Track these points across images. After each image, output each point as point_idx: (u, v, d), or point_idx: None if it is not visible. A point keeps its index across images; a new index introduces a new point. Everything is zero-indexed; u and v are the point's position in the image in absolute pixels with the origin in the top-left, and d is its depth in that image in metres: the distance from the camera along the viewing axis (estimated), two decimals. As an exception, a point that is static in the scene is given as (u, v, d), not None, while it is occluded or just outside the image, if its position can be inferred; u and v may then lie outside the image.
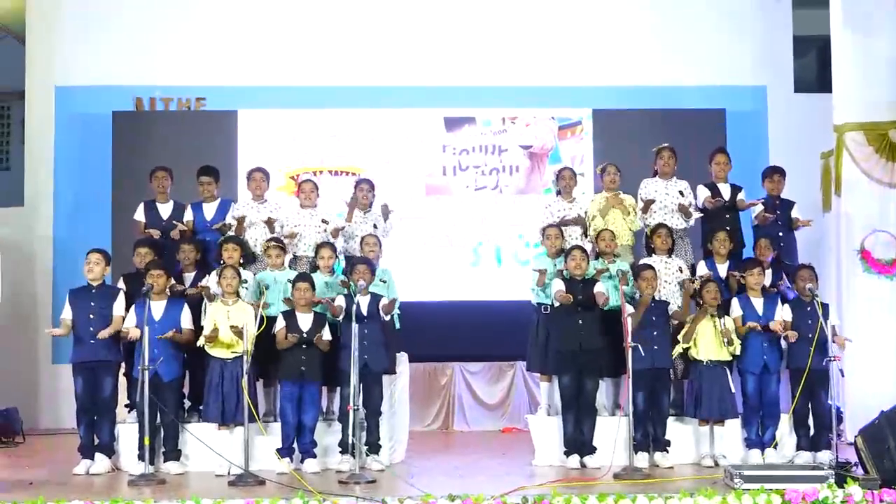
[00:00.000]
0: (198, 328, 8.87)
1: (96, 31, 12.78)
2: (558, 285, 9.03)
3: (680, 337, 9.04)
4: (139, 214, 9.99)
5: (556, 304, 9.01)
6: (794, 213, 9.96)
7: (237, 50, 12.89)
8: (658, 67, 12.95)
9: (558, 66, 12.96)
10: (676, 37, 13.00)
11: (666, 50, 12.97)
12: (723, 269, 9.50)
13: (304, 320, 8.84)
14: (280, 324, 8.83)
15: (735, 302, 9.18)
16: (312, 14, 12.95)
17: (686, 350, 9.03)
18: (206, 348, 8.76)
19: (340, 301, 8.94)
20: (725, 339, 8.90)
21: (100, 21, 12.80)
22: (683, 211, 9.68)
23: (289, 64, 12.88)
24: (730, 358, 9.02)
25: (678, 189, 9.87)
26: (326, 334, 8.87)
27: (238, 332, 8.52)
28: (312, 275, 9.19)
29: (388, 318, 9.11)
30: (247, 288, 9.10)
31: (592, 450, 8.92)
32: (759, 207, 9.93)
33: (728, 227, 9.73)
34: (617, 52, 13.00)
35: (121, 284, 9.35)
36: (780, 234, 9.89)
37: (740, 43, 13.06)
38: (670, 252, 9.51)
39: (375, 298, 9.00)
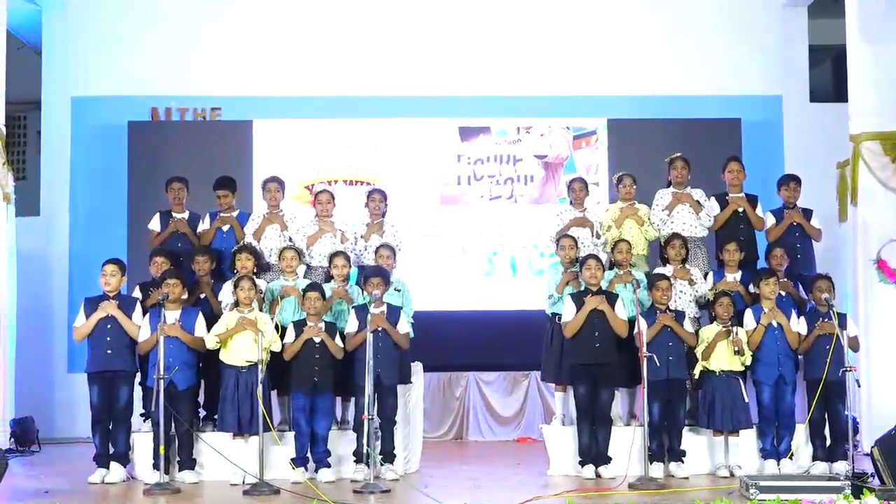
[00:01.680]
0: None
1: (112, 41, 12.84)
2: (568, 311, 9.02)
3: (699, 354, 9.00)
4: (154, 223, 10.03)
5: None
6: (814, 223, 9.92)
7: (252, 60, 12.94)
8: (673, 77, 12.94)
9: (573, 75, 12.97)
10: (691, 47, 13.00)
11: (681, 60, 12.97)
12: (732, 279, 9.48)
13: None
14: (290, 336, 8.84)
15: (749, 313, 9.14)
16: (327, 24, 12.99)
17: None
18: (221, 356, 8.77)
19: (353, 320, 8.93)
20: (736, 348, 8.88)
21: (115, 32, 12.86)
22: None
23: (304, 74, 12.92)
24: (743, 368, 9.00)
25: (695, 199, 9.83)
26: (339, 342, 8.89)
27: (252, 324, 8.55)
28: (326, 284, 9.21)
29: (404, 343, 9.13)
30: (265, 299, 9.13)
31: (607, 460, 8.89)
32: (771, 221, 9.91)
33: (742, 237, 9.72)
34: (632, 62, 13.00)
35: (137, 293, 9.38)
36: (798, 244, 9.86)
37: (755, 52, 13.05)
38: (684, 261, 9.49)
39: (390, 309, 9.00)
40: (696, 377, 9.05)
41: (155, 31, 12.86)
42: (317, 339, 8.79)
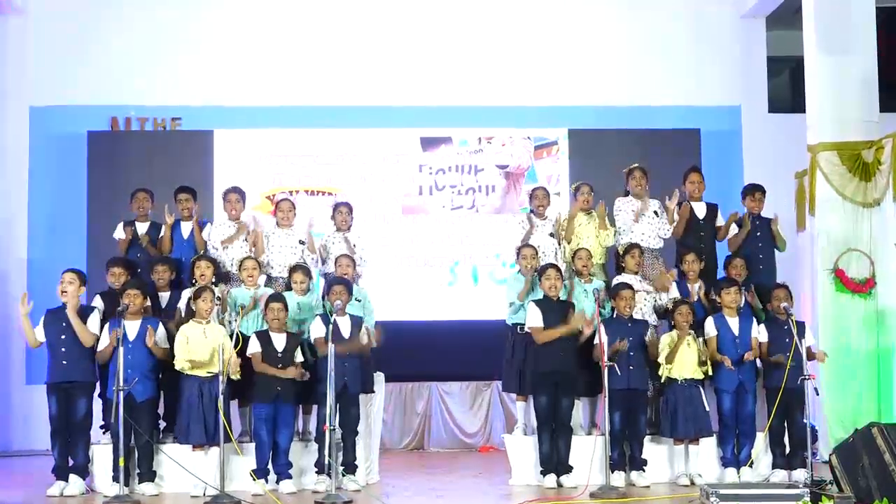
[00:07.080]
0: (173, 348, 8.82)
1: (71, 50, 12.76)
2: (534, 317, 9.02)
3: (662, 360, 9.03)
4: (119, 232, 9.95)
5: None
6: (775, 227, 10.00)
7: (213, 70, 12.89)
8: (633, 88, 13.03)
9: (534, 86, 13.03)
10: (651, 58, 13.09)
11: (641, 70, 13.06)
12: (693, 289, 9.54)
13: (279, 340, 8.82)
14: (254, 347, 8.80)
15: (710, 321, 9.19)
16: (287, 35, 12.97)
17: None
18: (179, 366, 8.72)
19: (319, 327, 8.90)
20: (703, 357, 8.94)
21: (74, 41, 12.77)
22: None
23: (264, 84, 12.90)
24: (703, 376, 9.04)
25: (653, 210, 9.89)
26: (300, 356, 8.87)
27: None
28: (286, 293, 9.19)
29: (376, 344, 9.12)
30: (237, 310, 9.09)
31: (569, 469, 8.92)
32: (734, 228, 9.99)
33: (702, 245, 9.79)
34: (593, 73, 13.07)
35: (96, 302, 9.29)
36: (761, 255, 9.93)
37: (715, 63, 13.16)
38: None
39: (353, 319, 8.99)
40: (661, 382, 9.09)
41: (114, 41, 12.78)
42: (279, 349, 8.77)
